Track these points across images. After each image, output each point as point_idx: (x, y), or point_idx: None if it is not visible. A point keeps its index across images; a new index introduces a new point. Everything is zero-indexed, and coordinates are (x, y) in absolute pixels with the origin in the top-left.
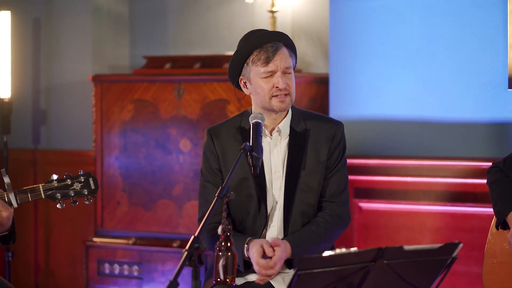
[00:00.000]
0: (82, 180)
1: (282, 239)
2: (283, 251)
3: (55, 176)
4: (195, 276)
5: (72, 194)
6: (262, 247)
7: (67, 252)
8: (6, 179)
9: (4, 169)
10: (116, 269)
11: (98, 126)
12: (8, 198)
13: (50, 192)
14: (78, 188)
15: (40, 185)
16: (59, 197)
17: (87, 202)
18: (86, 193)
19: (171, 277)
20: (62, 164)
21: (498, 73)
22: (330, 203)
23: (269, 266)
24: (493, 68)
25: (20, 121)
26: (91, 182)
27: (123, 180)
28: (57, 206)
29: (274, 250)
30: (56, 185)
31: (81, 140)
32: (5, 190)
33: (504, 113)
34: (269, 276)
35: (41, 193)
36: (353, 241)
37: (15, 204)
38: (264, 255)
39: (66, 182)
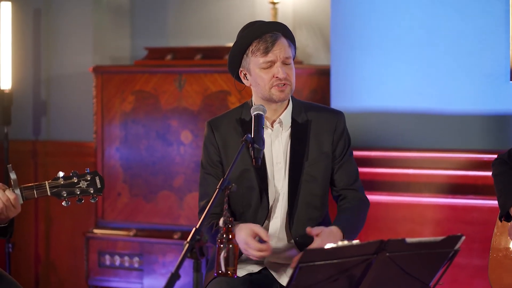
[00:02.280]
0: (89, 178)
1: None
2: (328, 235)
3: (61, 174)
4: (197, 268)
5: (78, 192)
6: (252, 230)
7: (68, 244)
8: (13, 175)
9: (10, 165)
10: (117, 260)
11: (99, 117)
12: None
13: (56, 189)
14: (84, 186)
15: (47, 182)
16: (65, 195)
17: (92, 201)
18: (92, 191)
19: (173, 269)
20: (63, 155)
21: (500, 65)
22: (349, 191)
23: (260, 248)
24: (494, 60)
25: (20, 112)
26: (98, 180)
27: (123, 171)
28: (63, 203)
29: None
30: (62, 182)
31: (81, 131)
32: (8, 185)
33: (506, 105)
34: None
35: (47, 190)
36: None
37: (20, 201)
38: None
39: (72, 180)
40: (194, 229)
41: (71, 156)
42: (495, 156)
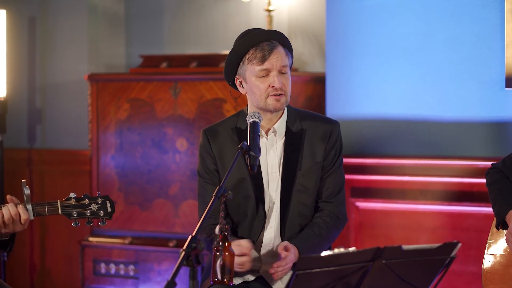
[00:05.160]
0: (100, 201)
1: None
2: (293, 253)
3: (73, 195)
4: (193, 276)
5: (88, 214)
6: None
7: (63, 252)
8: (27, 190)
9: (24, 180)
10: (112, 268)
11: (94, 125)
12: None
13: (67, 209)
14: (94, 209)
15: (59, 201)
16: (75, 215)
17: (101, 224)
18: (102, 215)
19: (169, 277)
20: (58, 163)
21: (495, 72)
22: (327, 204)
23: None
24: (490, 67)
25: (15, 120)
26: (108, 205)
27: (119, 179)
28: (72, 224)
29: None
30: (73, 203)
31: (77, 139)
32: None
33: (501, 112)
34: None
35: (58, 209)
36: (349, 240)
37: (31, 216)
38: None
39: (84, 202)
40: (190, 237)
41: (66, 164)
42: (491, 163)
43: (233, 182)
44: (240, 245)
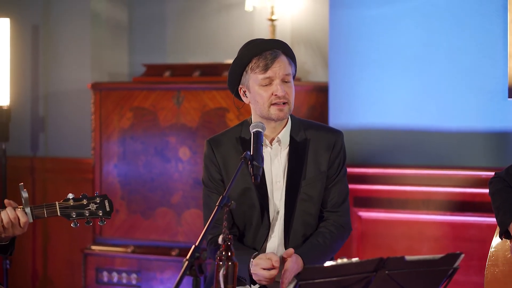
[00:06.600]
0: (98, 201)
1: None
2: (295, 262)
3: (71, 195)
4: (196, 286)
5: (87, 214)
6: (270, 259)
7: (65, 260)
8: (24, 194)
9: (22, 183)
10: (115, 277)
11: (97, 134)
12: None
13: (65, 210)
14: (93, 209)
15: (57, 202)
16: (74, 216)
17: (100, 224)
18: (100, 214)
19: (171, 286)
20: (61, 171)
21: (498, 82)
22: (332, 213)
23: (271, 275)
24: (493, 77)
25: (18, 129)
26: (107, 204)
27: (121, 188)
28: (71, 225)
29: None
30: (72, 204)
31: (80, 147)
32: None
33: (504, 122)
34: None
35: (57, 211)
36: (352, 250)
37: (30, 219)
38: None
39: (82, 202)
40: (193, 246)
41: (69, 173)
42: (493, 173)
43: (238, 191)
44: (270, 259)
